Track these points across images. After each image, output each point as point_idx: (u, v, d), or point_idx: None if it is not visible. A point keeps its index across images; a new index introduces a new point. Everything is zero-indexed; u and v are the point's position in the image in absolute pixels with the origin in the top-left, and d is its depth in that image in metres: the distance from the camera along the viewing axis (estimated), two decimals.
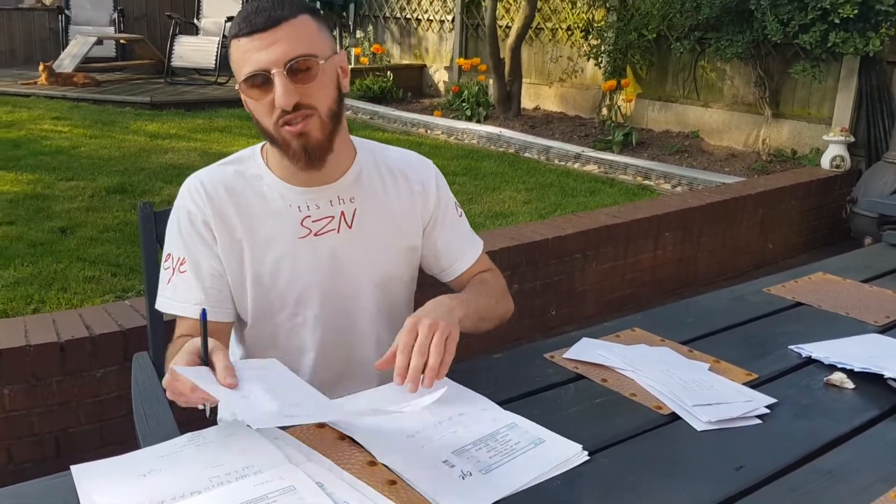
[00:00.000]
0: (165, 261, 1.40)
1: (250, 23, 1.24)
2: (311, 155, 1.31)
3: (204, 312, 1.11)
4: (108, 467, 0.99)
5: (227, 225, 1.37)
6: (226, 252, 1.37)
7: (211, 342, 1.10)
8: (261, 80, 1.25)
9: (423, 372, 1.16)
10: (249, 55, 1.24)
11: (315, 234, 1.39)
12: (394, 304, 1.50)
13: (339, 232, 1.40)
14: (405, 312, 1.55)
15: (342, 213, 1.40)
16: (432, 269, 1.56)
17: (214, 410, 1.51)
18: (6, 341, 2.19)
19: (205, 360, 1.09)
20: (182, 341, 1.30)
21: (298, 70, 1.25)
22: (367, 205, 1.42)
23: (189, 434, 1.08)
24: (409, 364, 1.16)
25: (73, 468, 0.98)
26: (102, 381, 2.30)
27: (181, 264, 1.37)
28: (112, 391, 2.33)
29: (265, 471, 0.98)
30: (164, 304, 1.39)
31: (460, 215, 1.56)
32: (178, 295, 1.37)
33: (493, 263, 1.61)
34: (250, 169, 1.41)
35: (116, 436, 2.36)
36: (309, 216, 1.38)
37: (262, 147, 1.43)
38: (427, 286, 1.60)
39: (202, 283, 1.37)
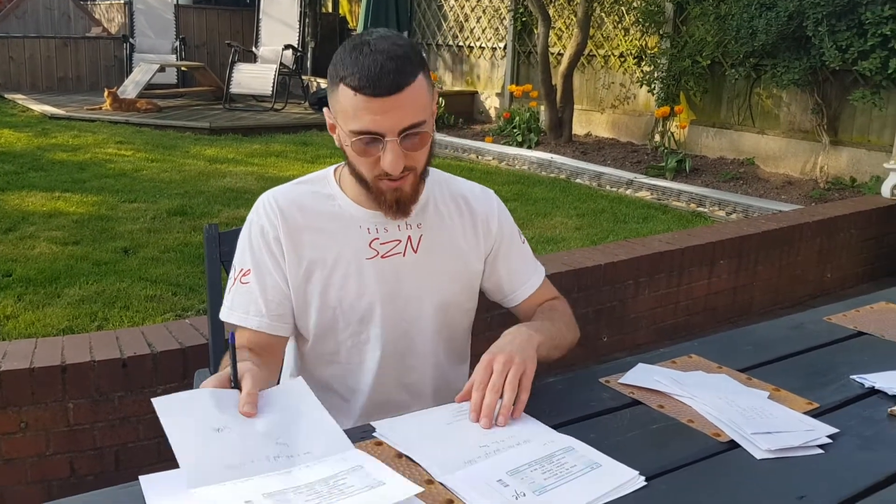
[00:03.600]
0: (232, 272, 1.45)
1: (373, 84, 1.23)
2: (401, 207, 1.37)
3: (232, 336, 1.16)
4: (175, 478, 1.02)
5: (298, 243, 1.40)
6: (293, 270, 1.41)
7: (243, 366, 1.14)
8: (372, 141, 1.27)
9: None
10: (364, 114, 1.25)
11: (382, 256, 1.42)
12: (453, 330, 1.53)
13: (404, 256, 1.44)
14: (464, 338, 1.58)
15: (409, 237, 1.44)
16: (495, 296, 1.59)
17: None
18: (72, 357, 2.27)
19: (235, 383, 1.13)
20: (242, 354, 1.33)
21: (410, 138, 1.28)
22: (433, 232, 1.46)
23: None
24: (483, 400, 1.19)
25: (142, 478, 1.01)
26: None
27: (244, 275, 1.41)
28: None
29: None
30: (224, 312, 1.43)
31: (523, 242, 1.59)
32: (236, 304, 1.41)
33: (557, 291, 1.63)
34: (324, 189, 1.45)
35: (173, 452, 2.41)
36: (377, 238, 1.42)
37: (336, 169, 1.48)
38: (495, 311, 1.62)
39: (264, 294, 1.40)
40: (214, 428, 1.06)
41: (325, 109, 1.37)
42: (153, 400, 1.06)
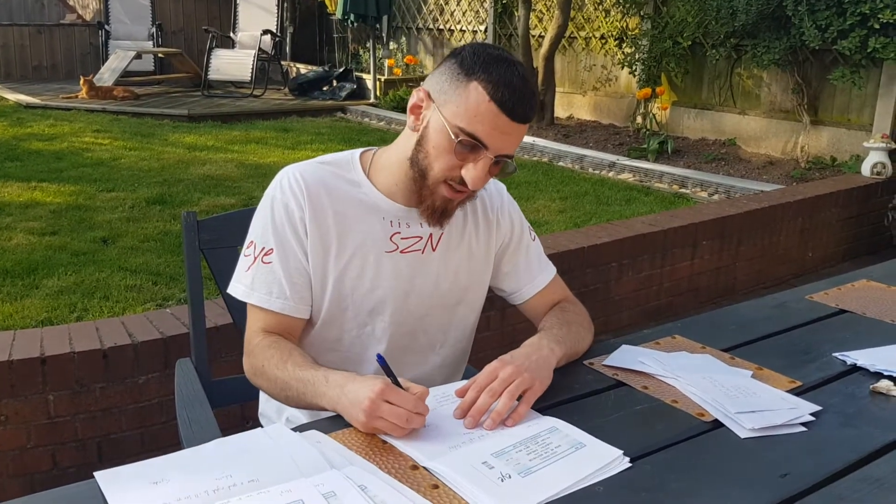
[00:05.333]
0: (247, 247, 1.39)
1: (514, 104, 1.24)
2: (442, 217, 1.36)
3: (380, 357, 1.16)
4: (131, 472, 1.00)
5: (322, 224, 1.36)
6: (314, 251, 1.37)
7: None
8: (473, 148, 1.26)
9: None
10: (487, 123, 1.25)
11: (401, 252, 1.40)
12: (459, 329, 1.52)
13: (423, 253, 1.42)
14: (469, 337, 1.57)
15: (430, 235, 1.42)
16: (502, 292, 1.57)
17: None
18: (52, 348, 2.24)
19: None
20: (273, 339, 1.32)
21: (499, 163, 1.30)
22: (451, 231, 1.44)
23: (216, 440, 1.09)
24: (475, 401, 1.17)
25: (97, 474, 0.98)
26: (144, 387, 2.34)
27: (266, 254, 1.36)
28: (153, 398, 2.36)
29: (270, 487, 0.96)
30: (240, 291, 1.38)
31: (533, 239, 1.58)
32: (257, 285, 1.36)
33: (570, 293, 1.60)
34: (349, 174, 1.41)
35: (157, 442, 2.39)
36: (398, 233, 1.40)
37: (362, 154, 1.44)
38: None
39: (288, 276, 1.36)
40: (152, 482, 0.99)
41: (419, 90, 1.32)
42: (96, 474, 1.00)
